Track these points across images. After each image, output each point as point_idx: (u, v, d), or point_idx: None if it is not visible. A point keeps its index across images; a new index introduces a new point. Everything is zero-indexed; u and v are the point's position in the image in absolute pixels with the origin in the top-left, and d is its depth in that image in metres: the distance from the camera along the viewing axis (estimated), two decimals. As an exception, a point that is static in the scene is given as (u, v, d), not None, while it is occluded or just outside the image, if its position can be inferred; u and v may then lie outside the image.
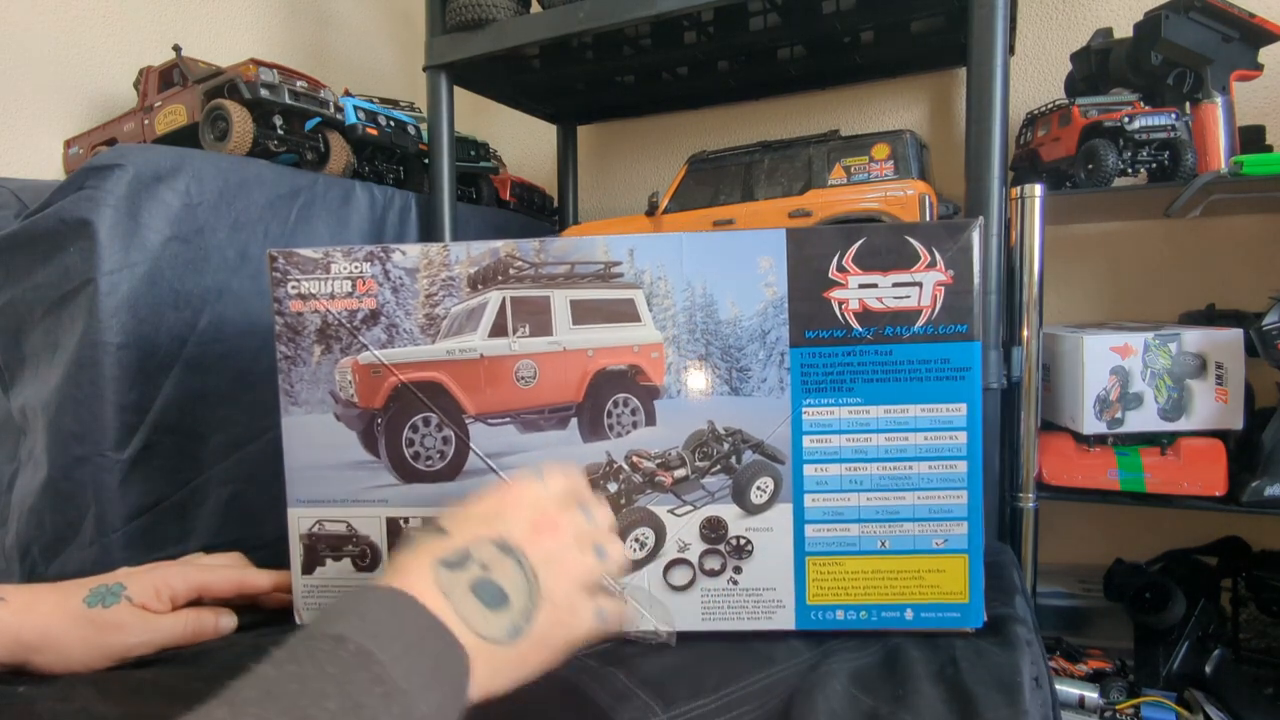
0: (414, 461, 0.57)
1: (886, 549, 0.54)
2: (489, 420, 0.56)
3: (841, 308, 0.53)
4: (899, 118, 1.26)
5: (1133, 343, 0.85)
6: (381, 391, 0.56)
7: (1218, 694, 0.85)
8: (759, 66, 1.20)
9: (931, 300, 0.52)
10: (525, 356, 0.56)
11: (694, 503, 0.55)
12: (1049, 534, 0.97)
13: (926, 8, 0.99)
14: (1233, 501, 0.82)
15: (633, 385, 0.55)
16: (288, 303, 0.56)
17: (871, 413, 0.53)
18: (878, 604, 0.54)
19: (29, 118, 1.04)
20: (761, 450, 0.54)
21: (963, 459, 0.53)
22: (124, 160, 0.70)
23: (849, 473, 0.54)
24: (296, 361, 0.57)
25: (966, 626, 0.54)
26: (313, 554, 0.58)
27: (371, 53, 1.55)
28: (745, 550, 0.55)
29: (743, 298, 0.53)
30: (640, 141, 1.49)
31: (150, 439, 0.70)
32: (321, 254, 0.56)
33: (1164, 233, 1.09)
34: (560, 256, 0.55)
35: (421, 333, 0.56)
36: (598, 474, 0.55)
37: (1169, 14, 0.86)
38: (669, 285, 0.54)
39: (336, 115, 0.97)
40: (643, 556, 0.55)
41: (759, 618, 0.55)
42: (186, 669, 0.51)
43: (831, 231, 0.53)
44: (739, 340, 0.54)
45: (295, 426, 0.57)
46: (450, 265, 0.56)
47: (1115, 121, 0.87)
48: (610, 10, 0.96)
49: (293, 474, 0.58)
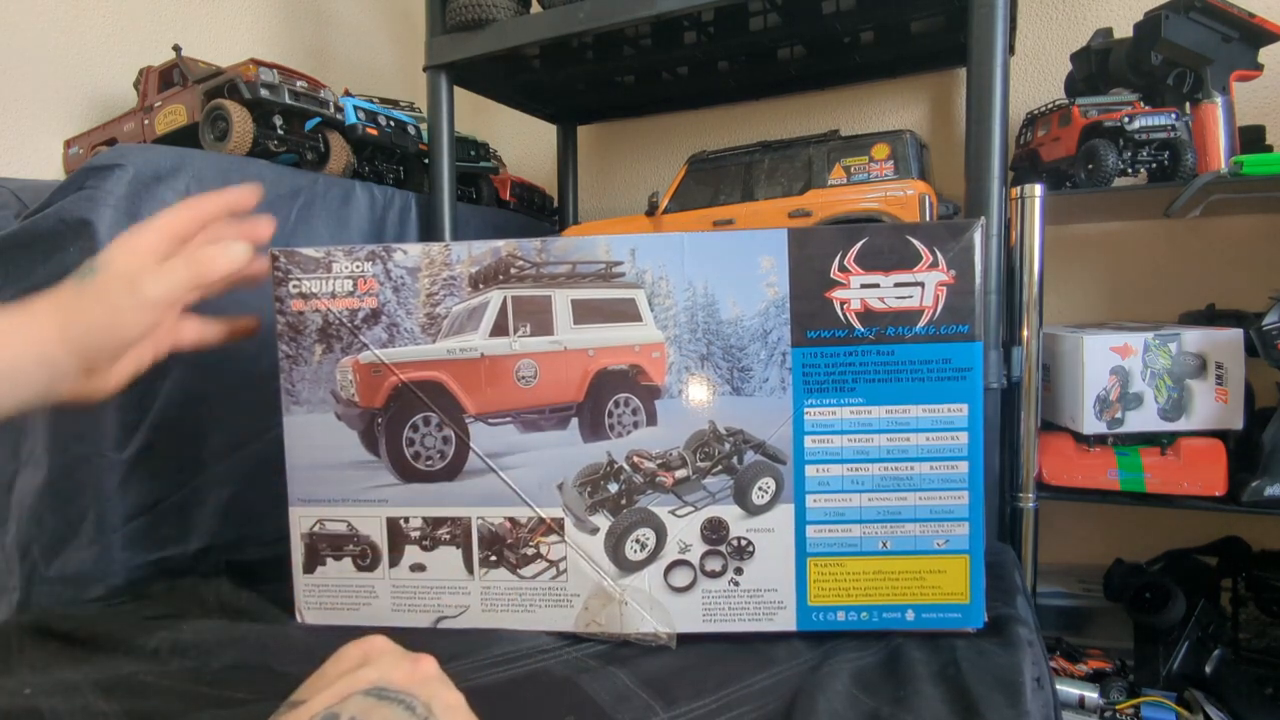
0: (414, 461, 0.57)
1: (888, 549, 0.54)
2: (489, 420, 0.56)
3: (843, 308, 0.53)
4: (899, 118, 1.26)
5: (1133, 343, 0.85)
6: (382, 391, 0.56)
7: (1218, 694, 0.85)
8: (759, 66, 1.20)
9: (933, 300, 0.52)
10: (526, 356, 0.56)
11: (695, 503, 0.55)
12: (1049, 534, 0.97)
13: (926, 8, 0.99)
14: (1233, 501, 0.82)
15: (634, 385, 0.55)
16: (289, 302, 0.56)
17: (873, 413, 0.53)
18: (879, 605, 0.54)
19: (29, 118, 1.04)
20: (763, 451, 0.54)
21: (964, 459, 0.53)
22: (124, 160, 0.70)
23: (851, 473, 0.53)
24: (298, 361, 0.57)
25: (967, 627, 0.54)
26: (314, 553, 0.58)
27: (371, 53, 1.55)
28: (746, 551, 0.54)
29: (744, 297, 0.53)
30: (640, 141, 1.49)
31: (150, 439, 0.70)
32: (323, 253, 0.56)
33: (1164, 233, 1.09)
34: (562, 256, 0.55)
35: (422, 332, 0.56)
36: (598, 474, 0.55)
37: (1169, 14, 0.86)
38: (670, 285, 0.54)
39: (336, 115, 0.97)
40: (643, 558, 0.55)
41: (760, 619, 0.55)
42: (191, 666, 0.51)
43: (833, 231, 0.53)
44: (740, 340, 0.54)
45: (296, 426, 0.57)
46: (452, 264, 0.56)
47: (1115, 121, 0.87)
48: (610, 10, 0.96)
49: (294, 473, 0.57)
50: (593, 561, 0.55)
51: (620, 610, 0.55)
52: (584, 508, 0.55)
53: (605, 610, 0.55)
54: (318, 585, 0.58)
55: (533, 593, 0.56)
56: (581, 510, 0.55)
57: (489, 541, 0.56)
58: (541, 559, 0.56)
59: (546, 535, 0.56)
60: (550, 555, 0.56)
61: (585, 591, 0.55)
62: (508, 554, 0.56)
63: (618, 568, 0.55)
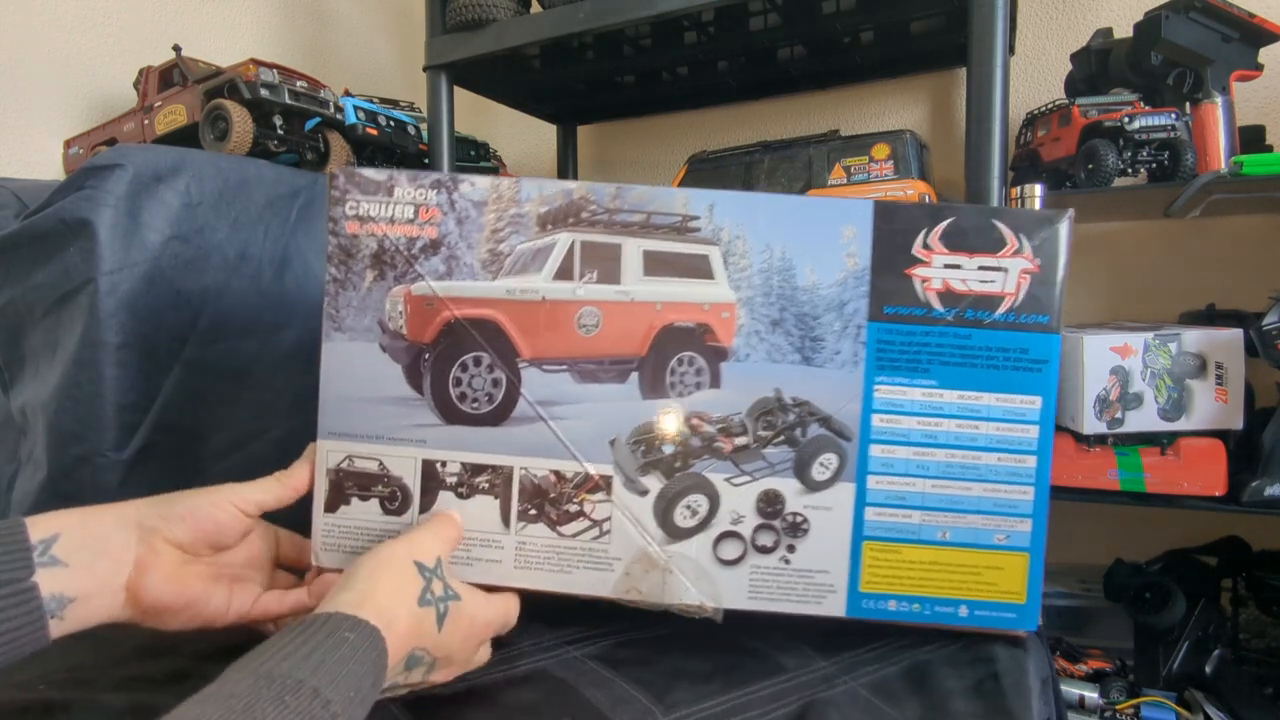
0: (459, 402, 0.53)
1: (947, 540, 0.52)
2: (544, 366, 0.53)
3: (924, 286, 0.51)
4: (899, 118, 1.26)
5: (1133, 343, 0.85)
6: (433, 325, 0.53)
7: (1218, 694, 0.85)
8: (759, 66, 1.20)
9: (1015, 287, 0.50)
10: (590, 303, 0.53)
11: (753, 473, 0.52)
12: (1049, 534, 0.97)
13: (926, 8, 0.99)
14: (1233, 501, 0.82)
15: (700, 344, 0.53)
16: (344, 223, 0.53)
17: (945, 397, 0.51)
18: (933, 597, 0.52)
19: (29, 118, 1.04)
20: (829, 425, 0.51)
21: (1033, 454, 0.51)
22: (124, 160, 0.70)
23: (916, 457, 0.51)
24: (346, 285, 0.53)
25: (1021, 629, 0.52)
26: (338, 491, 0.53)
27: (371, 52, 1.55)
28: (801, 528, 0.52)
29: (822, 265, 0.51)
30: (640, 141, 1.49)
31: (150, 439, 0.70)
32: (385, 176, 0.53)
33: (1164, 233, 1.09)
34: (636, 205, 0.53)
35: (483, 268, 0.53)
36: (653, 434, 0.52)
37: (1169, 14, 0.86)
38: (747, 245, 0.52)
39: (336, 115, 0.97)
40: (693, 525, 0.52)
41: (808, 601, 0.52)
42: (187, 667, 0.51)
43: (919, 207, 0.51)
44: (815, 309, 0.52)
45: (335, 353, 0.53)
46: (520, 202, 0.53)
47: (1115, 121, 0.87)
48: (610, 10, 0.96)
49: (327, 404, 0.53)
50: (639, 524, 0.52)
51: (664, 578, 0.52)
52: (635, 467, 0.52)
53: (648, 577, 0.52)
54: (337, 526, 0.53)
55: (571, 553, 0.52)
56: (633, 469, 0.52)
57: (530, 494, 0.52)
58: (584, 517, 0.52)
59: (592, 493, 0.52)
60: (594, 514, 0.52)
61: (628, 556, 0.52)
62: (549, 509, 0.52)
63: (665, 534, 0.52)
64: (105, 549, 0.44)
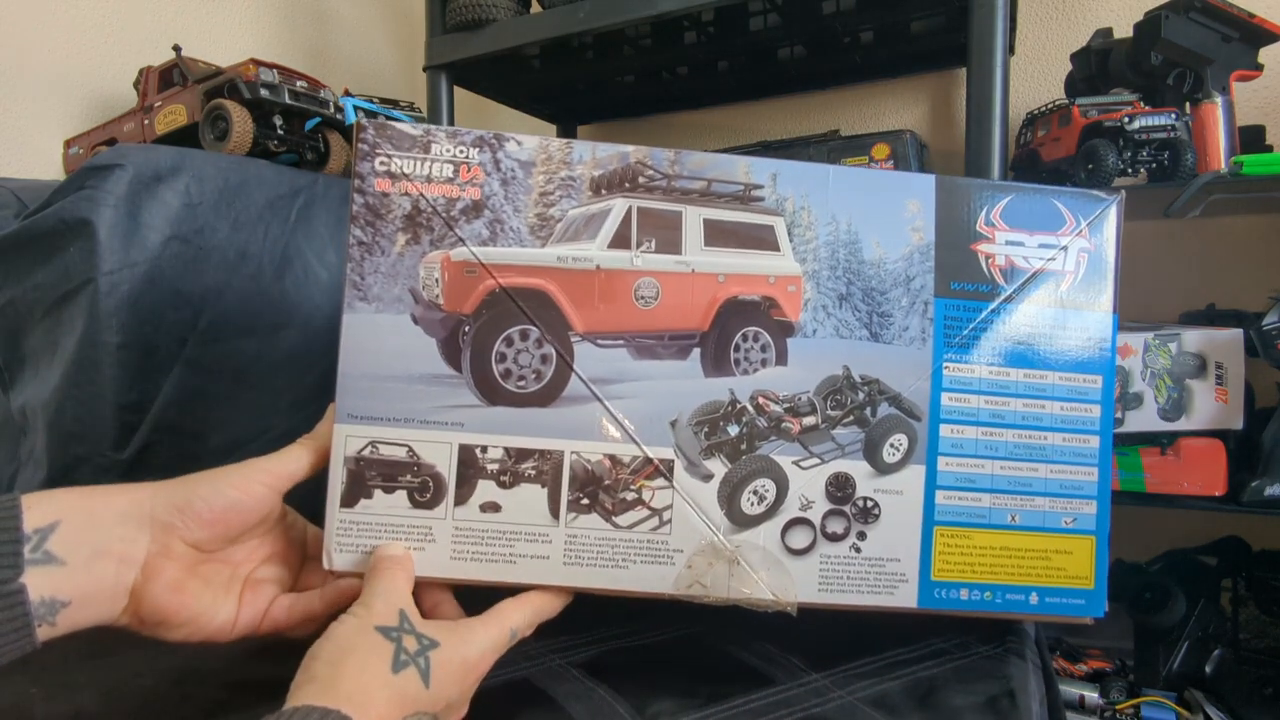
0: (503, 380, 0.48)
1: (1016, 524, 0.50)
2: (599, 340, 0.49)
3: (989, 262, 0.50)
4: (899, 118, 1.26)
5: (1133, 343, 0.85)
6: (474, 295, 0.48)
7: (1218, 694, 0.85)
8: (759, 66, 1.20)
9: (1075, 266, 0.50)
10: (648, 274, 0.50)
11: (822, 455, 0.49)
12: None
13: (926, 8, 0.99)
14: (1233, 501, 0.82)
15: (765, 319, 0.50)
16: (371, 180, 0.48)
17: (1011, 375, 0.50)
18: (1004, 585, 0.50)
19: (29, 118, 1.04)
20: (899, 404, 0.49)
21: (1096, 434, 0.50)
22: (124, 160, 0.70)
23: (985, 437, 0.49)
24: (373, 249, 0.48)
25: (1089, 616, 0.51)
26: (358, 482, 0.46)
27: (371, 53, 1.55)
28: (872, 514, 0.49)
29: (889, 239, 0.50)
30: (640, 141, 1.48)
31: (150, 439, 0.70)
32: (421, 130, 0.48)
33: (1164, 233, 1.09)
34: (697, 171, 0.50)
35: (531, 234, 0.49)
36: (718, 414, 0.49)
37: (1169, 14, 0.86)
38: (812, 216, 0.50)
39: (336, 115, 0.97)
40: (760, 512, 0.48)
41: (880, 592, 0.49)
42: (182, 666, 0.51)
43: (981, 183, 0.50)
44: (882, 283, 0.50)
45: (359, 325, 0.47)
46: (572, 164, 0.50)
47: (1115, 121, 0.87)
48: (610, 10, 0.96)
49: (347, 382, 0.47)
50: (702, 512, 0.48)
51: (729, 570, 0.48)
52: (698, 450, 0.48)
53: (712, 570, 0.48)
54: (356, 522, 0.46)
55: (628, 545, 0.47)
56: (695, 453, 0.48)
57: (582, 482, 0.47)
58: (643, 506, 0.48)
59: (652, 479, 0.48)
60: (653, 502, 0.48)
61: (690, 547, 0.48)
62: (603, 497, 0.47)
63: (731, 522, 0.48)
64: (110, 545, 0.39)
